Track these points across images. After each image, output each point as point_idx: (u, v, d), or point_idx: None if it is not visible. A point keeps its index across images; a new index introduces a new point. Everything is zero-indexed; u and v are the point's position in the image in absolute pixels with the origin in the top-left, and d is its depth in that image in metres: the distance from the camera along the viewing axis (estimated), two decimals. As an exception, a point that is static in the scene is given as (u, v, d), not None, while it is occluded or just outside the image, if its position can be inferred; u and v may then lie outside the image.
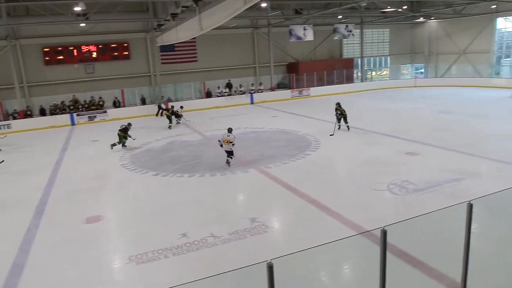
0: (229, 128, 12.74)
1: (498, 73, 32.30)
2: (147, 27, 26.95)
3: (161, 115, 25.34)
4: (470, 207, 4.09)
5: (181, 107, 22.41)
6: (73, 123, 23.90)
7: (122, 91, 26.53)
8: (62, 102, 24.80)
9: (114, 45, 26.28)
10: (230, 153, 12.38)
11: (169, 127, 20.44)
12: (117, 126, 16.75)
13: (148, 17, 24.90)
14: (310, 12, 27.92)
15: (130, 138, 16.09)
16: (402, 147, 13.66)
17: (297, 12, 27.73)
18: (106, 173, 12.81)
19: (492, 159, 11.72)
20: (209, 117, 23.26)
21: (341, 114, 16.82)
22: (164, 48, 26.61)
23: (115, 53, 26.39)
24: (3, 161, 14.72)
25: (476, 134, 15.08)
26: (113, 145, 15.94)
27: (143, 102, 27.00)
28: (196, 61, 28.69)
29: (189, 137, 17.77)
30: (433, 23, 35.67)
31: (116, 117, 24.54)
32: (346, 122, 16.81)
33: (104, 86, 26.37)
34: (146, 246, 7.31)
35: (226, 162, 12.43)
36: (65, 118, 23.80)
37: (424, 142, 14.06)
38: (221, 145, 12.27)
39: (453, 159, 11.96)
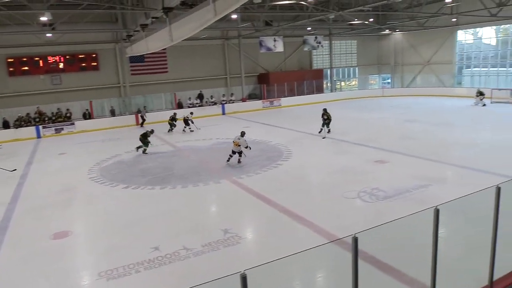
0: (242, 131, 13.77)
1: (460, 83, 33.69)
2: (116, 37, 26.59)
3: (142, 125, 25.26)
4: (437, 212, 4.22)
5: (191, 113, 22.51)
6: (39, 136, 23.14)
7: (91, 102, 25.95)
8: (27, 114, 24.01)
9: (82, 56, 25.74)
10: (237, 153, 13.53)
11: (170, 130, 21.23)
12: (85, 138, 16.40)
13: (117, 27, 24.61)
14: (280, 24, 28.37)
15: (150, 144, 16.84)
16: (372, 155, 13.96)
17: (267, 23, 28.11)
18: (74, 186, 12.43)
19: (457, 165, 12.15)
20: (181, 129, 23.04)
21: (327, 119, 18.10)
22: (134, 59, 26.31)
23: (83, 64, 25.84)
24: (15, 169, 14.80)
25: (441, 142, 15.60)
26: (139, 147, 16.68)
27: (113, 113, 26.52)
28: (166, 72, 28.52)
29: (160, 148, 17.55)
30: (398, 35, 36.93)
31: (84, 129, 23.99)
32: (328, 126, 18.22)
33: (71, 98, 25.72)
34: (117, 261, 7.12)
35: (227, 160, 13.64)
36: (30, 130, 23.02)
37: (392, 150, 14.43)
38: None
39: (420, 166, 12.32)
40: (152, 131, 17.11)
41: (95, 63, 26.16)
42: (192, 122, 21.84)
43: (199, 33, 13.79)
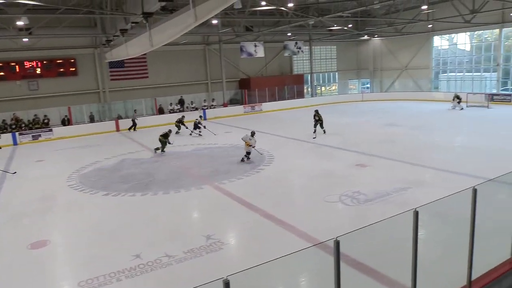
0: (252, 131, 14.84)
1: (437, 87, 34.49)
2: (95, 42, 26.26)
3: (134, 129, 25.04)
4: (416, 214, 4.30)
5: (200, 116, 22.57)
6: (15, 143, 22.57)
7: (69, 108, 25.50)
8: (3, 121, 23.43)
9: (60, 61, 25.31)
10: (248, 153, 14.33)
11: (177, 132, 21.15)
12: (64, 145, 16.08)
13: (96, 32, 24.31)
14: (261, 29, 28.54)
15: (169, 143, 17.33)
16: (353, 159, 14.12)
17: (248, 29, 28.24)
18: (53, 194, 12.15)
19: (435, 168, 12.40)
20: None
21: (318, 120, 18.99)
22: (113, 64, 26.03)
23: (61, 69, 25.41)
24: (15, 172, 15.01)
25: (420, 145, 15.91)
26: (157, 149, 17.22)
27: (92, 119, 26.12)
28: (147, 77, 28.30)
29: (141, 154, 17.35)
30: (376, 40, 37.60)
31: (62, 135, 23.52)
32: (322, 127, 19.12)
33: (49, 104, 25.24)
34: (97, 270, 6.99)
35: (242, 160, 14.34)
36: (6, 137, 22.41)
37: (373, 154, 14.64)
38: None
39: (400, 169, 12.53)
40: (170, 131, 17.83)
41: (74, 69, 25.76)
42: (204, 127, 21.66)
43: (179, 38, 13.76)
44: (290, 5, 21.05)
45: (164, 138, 17.06)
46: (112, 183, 12.98)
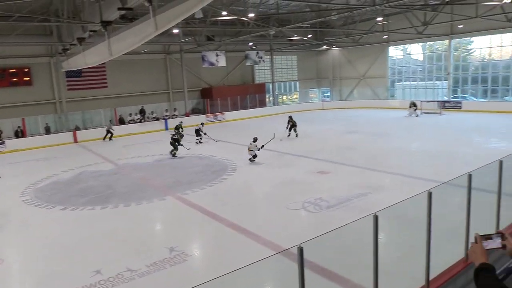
0: (255, 137, 15.69)
1: (393, 95, 35.84)
2: (51, 51, 25.36)
3: (110, 139, 24.43)
4: (376, 218, 4.42)
5: (202, 123, 22.26)
6: (-37, 157, 21.29)
7: (23, 120, 24.39)
8: (-51, 133, 22.10)
9: (13, 70, 24.18)
10: (254, 157, 15.29)
11: (172, 151, 19.12)
12: (18, 158, 15.35)
13: (52, 41, 23.49)
14: (222, 39, 28.62)
15: (183, 147, 17.99)
16: (314, 166, 14.36)
17: (209, 38, 28.25)
18: (6, 210, 11.53)
19: (393, 173, 12.84)
20: (122, 145, 22.35)
21: (292, 125, 20.86)
22: (71, 74, 25.21)
23: (15, 79, 24.28)
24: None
25: (379, 152, 16.42)
26: (173, 154, 17.73)
27: (48, 131, 25.09)
28: (106, 87, 27.59)
29: (100, 166, 16.84)
30: (335, 50, 38.66)
31: (16, 148, 22.42)
32: (295, 131, 20.99)
33: (1, 115, 24.01)
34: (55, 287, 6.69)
35: (249, 159, 15.32)
36: (-48, 151, 21.16)
37: (334, 161, 14.96)
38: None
39: (360, 175, 12.87)
40: (182, 136, 18.84)
41: (28, 78, 24.70)
42: (205, 134, 21.35)
43: (140, 47, 13.54)
44: (251, 15, 21.30)
45: (176, 142, 17.83)
46: (69, 196, 12.50)
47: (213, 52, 30.50)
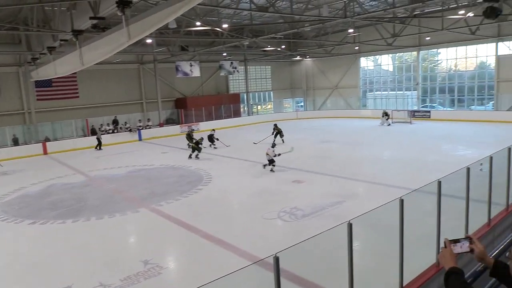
0: (273, 143, 16.56)
1: (365, 105, 36.63)
2: (20, 60, 24.65)
3: (99, 148, 24.13)
4: (350, 226, 4.48)
5: (213, 130, 22.93)
6: None
7: (-11, 131, 23.55)
8: None
9: (-22, 81, 23.40)
10: (269, 162, 15.15)
11: (196, 155, 19.13)
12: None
13: (21, 50, 22.83)
14: (196, 49, 28.62)
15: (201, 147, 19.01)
16: (289, 175, 14.45)
17: (183, 48, 28.16)
18: (-31, 226, 11.06)
19: (366, 181, 13.07)
20: (95, 156, 21.86)
21: (278, 132, 21.91)
22: (40, 84, 24.55)
23: (-21, 89, 23.47)
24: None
25: (352, 160, 16.70)
26: (197, 155, 18.70)
27: (16, 142, 24.25)
28: (77, 97, 27.00)
29: (71, 178, 16.39)
30: (308, 61, 39.27)
31: (-19, 161, 21.55)
32: (281, 137, 22.03)
33: (-35, 126, 23.13)
34: (22, 305, 6.44)
35: (270, 170, 15.15)
36: None
37: (308, 170, 15.10)
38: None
39: (334, 184, 13.03)
40: (202, 139, 19.59)
41: (-6, 88, 23.91)
42: (217, 139, 21.92)
43: (112, 57, 13.38)
44: (225, 26, 21.44)
45: (197, 145, 18.83)
46: (39, 210, 12.10)
47: (187, 62, 30.42)
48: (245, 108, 37.98)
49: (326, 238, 5.45)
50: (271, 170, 15.16)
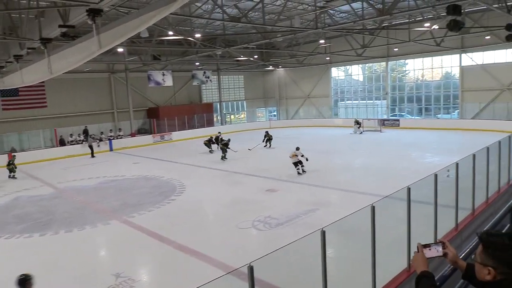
0: (297, 147, 16.06)
1: (336, 114, 37.27)
2: (-17, 69, 23.79)
3: (92, 155, 24.35)
4: (323, 233, 4.54)
5: (219, 132, 24.40)
6: None
7: (-50, 142, 22.53)
8: None
9: None
10: (297, 163, 15.50)
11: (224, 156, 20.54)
12: None
13: (-15, 58, 22.06)
14: (168, 59, 28.44)
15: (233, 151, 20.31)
16: (263, 185, 14.48)
17: (155, 58, 27.96)
18: None
19: (339, 189, 13.26)
20: (63, 167, 21.25)
21: (268, 139, 23.94)
22: (6, 93, 23.78)
23: None
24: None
25: (325, 168, 16.90)
26: (224, 157, 20.02)
27: (-21, 154, 23.30)
28: (45, 106, 26.26)
29: (38, 191, 15.85)
30: (281, 71, 39.70)
31: None
32: (270, 144, 23.95)
33: None
34: (-14, 324, 6.14)
35: (298, 173, 15.52)
36: None
37: (282, 179, 15.19)
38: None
39: (307, 192, 13.15)
40: (229, 140, 20.81)
41: (-44, 98, 22.97)
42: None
43: (82, 66, 13.12)
44: (198, 35, 21.42)
45: (225, 146, 19.87)
46: (4, 224, 11.62)
47: (159, 72, 30.18)
48: (219, 118, 37.92)
49: (300, 246, 5.49)
50: (303, 171, 15.68)
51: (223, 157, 20.07)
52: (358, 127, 28.91)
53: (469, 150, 9.64)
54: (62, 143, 26.25)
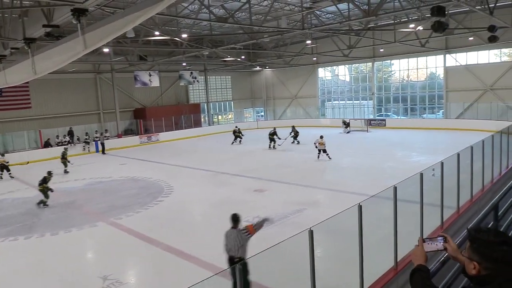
0: (321, 135, 18.40)
1: (323, 114, 37.48)
2: (-35, 70, 23.31)
3: (103, 152, 25.42)
4: (311, 233, 4.57)
5: (236, 126, 26.39)
6: None
7: None
8: None
9: None
10: (324, 151, 17.90)
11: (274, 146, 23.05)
12: None
13: (-34, 58, 21.62)
14: (155, 59, 28.26)
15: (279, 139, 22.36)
16: (251, 185, 14.49)
17: (142, 58, 27.74)
18: None
19: (326, 188, 13.34)
20: (49, 169, 20.88)
21: (296, 134, 24.74)
22: (-12, 94, 23.36)
23: None
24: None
25: (312, 168, 17.00)
26: (273, 146, 22.35)
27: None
28: (29, 107, 25.83)
29: (23, 193, 15.60)
30: (268, 71, 39.79)
31: None
32: (296, 138, 24.75)
33: None
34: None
35: (318, 157, 18.30)
36: None
37: (270, 179, 15.22)
38: (316, 146, 18.58)
39: (295, 192, 13.20)
40: (274, 128, 23.16)
41: None
42: (278, 137, 23.38)
43: (67, 66, 12.95)
44: (184, 36, 21.34)
45: (272, 136, 22.30)
46: (-13, 227, 11.42)
47: (146, 72, 29.97)
48: (206, 118, 37.81)
49: (289, 245, 5.52)
50: (329, 158, 17.97)
51: (274, 147, 22.85)
52: (346, 127, 29.12)
53: (454, 149, 9.80)
54: (47, 145, 25.76)
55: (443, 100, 29.44)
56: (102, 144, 25.85)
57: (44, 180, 13.55)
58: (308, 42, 28.80)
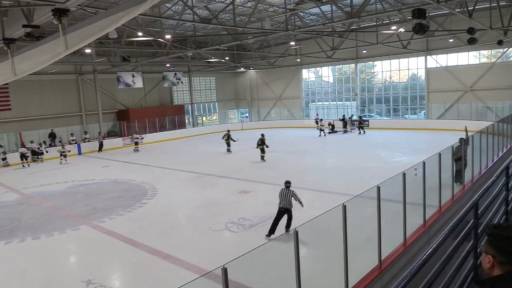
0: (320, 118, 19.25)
1: (307, 115, 37.69)
2: None
3: (100, 150, 26.04)
4: (296, 233, 4.59)
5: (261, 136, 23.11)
6: None
7: None
8: None
9: None
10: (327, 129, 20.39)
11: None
12: None
13: None
14: (138, 60, 28.01)
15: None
16: (235, 186, 14.48)
17: (125, 59, 27.47)
18: None
19: (310, 189, 13.40)
20: (29, 172, 20.53)
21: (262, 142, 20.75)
22: (-34, 96, 22.77)
23: None
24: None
25: (296, 169, 17.05)
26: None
27: None
28: (9, 109, 25.24)
29: (2, 197, 15.26)
30: (252, 72, 39.84)
31: None
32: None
33: None
34: None
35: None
36: None
37: (254, 180, 15.23)
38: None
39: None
40: (263, 135, 20.71)
41: None
42: (233, 140, 22.91)
43: (48, 67, 12.72)
44: (168, 36, 21.21)
45: (227, 140, 22.48)
46: (-35, 232, 11.12)
47: (129, 73, 29.68)
48: (190, 120, 37.62)
49: (274, 246, 5.53)
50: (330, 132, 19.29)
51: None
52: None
53: (435, 149, 9.97)
54: (34, 153, 24.71)
55: (425, 101, 29.93)
56: (100, 143, 26.50)
57: None
58: (292, 43, 28.92)
